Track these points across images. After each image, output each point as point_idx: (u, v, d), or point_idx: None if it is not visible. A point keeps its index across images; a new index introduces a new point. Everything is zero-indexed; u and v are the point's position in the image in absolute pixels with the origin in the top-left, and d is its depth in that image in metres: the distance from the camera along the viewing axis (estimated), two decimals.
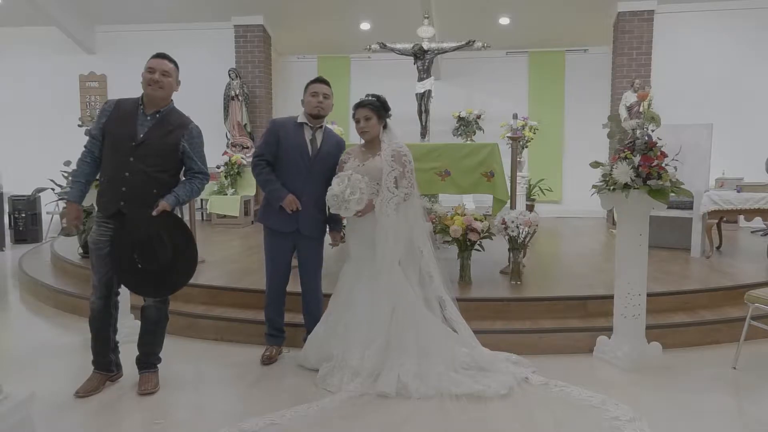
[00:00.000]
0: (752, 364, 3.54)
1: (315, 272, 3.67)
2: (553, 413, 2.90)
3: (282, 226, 3.51)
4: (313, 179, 3.48)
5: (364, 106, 3.43)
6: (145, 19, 9.84)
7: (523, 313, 4.07)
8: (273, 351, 3.66)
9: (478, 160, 4.78)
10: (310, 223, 3.53)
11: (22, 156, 9.71)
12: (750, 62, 8.67)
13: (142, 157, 3.01)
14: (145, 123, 3.06)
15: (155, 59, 3.13)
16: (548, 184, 9.67)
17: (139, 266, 3.00)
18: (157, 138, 3.05)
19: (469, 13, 9.21)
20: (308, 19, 9.76)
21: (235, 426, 2.75)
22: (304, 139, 3.49)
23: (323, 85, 3.54)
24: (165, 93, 3.11)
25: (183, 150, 3.10)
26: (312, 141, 3.51)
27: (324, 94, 3.50)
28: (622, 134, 7.73)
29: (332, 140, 3.61)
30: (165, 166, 3.08)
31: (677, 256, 5.74)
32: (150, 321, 3.22)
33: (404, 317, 3.29)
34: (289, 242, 3.57)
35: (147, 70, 3.08)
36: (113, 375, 3.28)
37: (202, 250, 5.85)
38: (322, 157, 3.51)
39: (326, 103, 3.51)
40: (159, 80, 3.06)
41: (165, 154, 3.07)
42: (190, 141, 3.13)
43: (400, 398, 3.04)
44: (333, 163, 3.54)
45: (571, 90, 10.12)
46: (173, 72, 3.15)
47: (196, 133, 3.17)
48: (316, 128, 3.53)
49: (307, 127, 3.52)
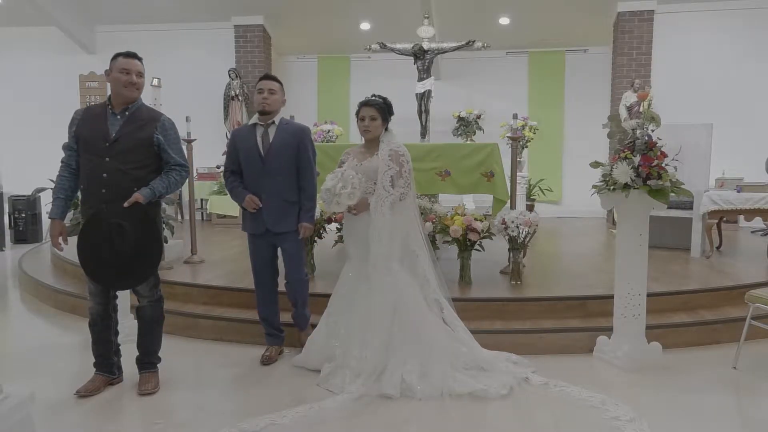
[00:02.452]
0: (752, 364, 3.54)
1: (297, 264, 3.64)
2: (553, 413, 2.90)
3: (255, 229, 3.55)
4: (270, 174, 3.45)
5: (371, 106, 3.42)
6: (145, 19, 9.84)
7: (523, 313, 4.07)
8: (273, 351, 3.66)
9: (478, 160, 4.78)
10: (277, 219, 3.49)
11: (22, 156, 9.71)
12: (750, 62, 8.67)
13: (117, 155, 2.99)
14: (115, 122, 3.04)
15: (128, 59, 3.08)
16: (548, 184, 9.68)
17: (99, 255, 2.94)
18: (130, 134, 3.02)
19: (469, 13, 9.21)
20: (308, 19, 9.76)
21: (235, 426, 2.75)
22: (255, 138, 3.49)
23: (268, 81, 3.52)
24: (139, 93, 3.10)
25: (158, 143, 3.06)
26: (264, 137, 3.49)
27: (269, 90, 3.48)
28: (622, 134, 7.77)
29: (287, 131, 3.53)
30: (142, 163, 3.04)
31: (677, 256, 5.74)
32: (145, 320, 3.22)
33: (406, 317, 3.29)
34: (268, 242, 3.57)
35: (121, 71, 3.03)
36: (115, 378, 3.28)
37: (203, 250, 5.89)
38: (275, 150, 3.46)
39: (272, 99, 3.48)
40: (136, 82, 3.05)
41: (140, 150, 3.03)
42: (164, 133, 3.08)
43: (401, 398, 3.04)
44: (291, 152, 3.48)
45: (571, 90, 10.12)
46: (144, 72, 3.14)
47: (169, 125, 3.13)
48: (268, 125, 3.51)
49: (258, 127, 3.51)
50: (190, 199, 5.76)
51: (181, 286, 4.63)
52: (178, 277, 4.84)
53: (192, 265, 5.37)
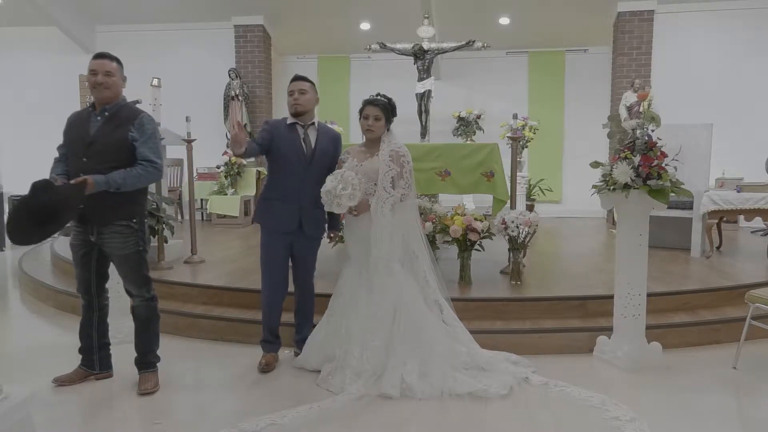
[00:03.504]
0: (752, 364, 3.54)
1: (311, 271, 3.66)
2: (553, 413, 2.90)
3: (284, 226, 3.45)
4: (312, 178, 3.44)
5: (376, 105, 3.41)
6: (145, 19, 9.84)
7: (523, 313, 4.06)
8: (271, 358, 3.56)
9: (478, 160, 4.78)
10: (313, 223, 3.51)
11: (22, 156, 9.70)
12: (750, 62, 8.67)
13: (94, 156, 2.99)
14: (95, 123, 3.05)
15: (96, 60, 3.07)
16: (548, 184, 9.67)
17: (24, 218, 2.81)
18: (107, 134, 3.02)
19: (469, 13, 9.21)
20: (308, 19, 9.76)
21: (235, 426, 2.75)
22: (298, 139, 3.45)
23: (299, 81, 3.48)
24: (111, 93, 3.07)
25: (133, 139, 3.03)
26: (305, 139, 3.47)
27: (300, 90, 3.44)
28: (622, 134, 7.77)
29: (327, 136, 3.56)
30: (120, 163, 3.00)
31: (677, 256, 5.74)
32: (140, 320, 3.24)
33: (407, 317, 3.29)
34: (288, 241, 3.51)
35: (90, 73, 3.03)
36: (96, 373, 3.34)
37: (203, 250, 5.89)
38: (318, 155, 3.48)
39: (303, 99, 3.44)
40: (102, 81, 3.03)
41: (116, 149, 3.01)
42: (140, 129, 3.04)
43: (401, 398, 3.04)
44: (330, 160, 3.51)
45: (571, 90, 10.12)
46: (117, 70, 3.10)
47: (147, 121, 3.09)
48: (307, 126, 3.49)
49: (298, 126, 3.48)
50: (190, 199, 5.76)
51: (181, 286, 4.63)
52: (178, 277, 4.84)
53: (192, 265, 5.37)
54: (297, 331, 3.68)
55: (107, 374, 3.38)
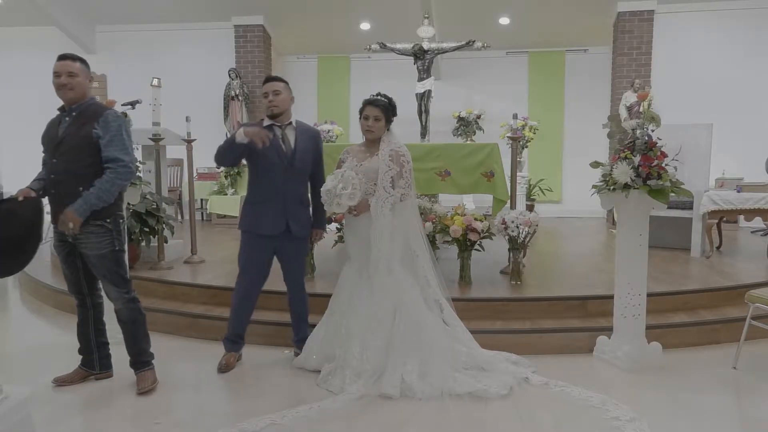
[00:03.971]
0: (752, 364, 3.54)
1: (302, 271, 3.65)
2: (553, 413, 2.90)
3: (271, 229, 3.42)
4: (294, 177, 3.43)
5: (376, 105, 3.41)
6: (145, 19, 9.83)
7: (523, 313, 4.07)
8: (232, 358, 3.56)
9: (478, 160, 4.78)
10: (299, 223, 3.48)
11: (22, 156, 9.69)
12: (750, 62, 8.67)
13: (62, 156, 2.99)
14: (65, 124, 3.06)
15: (59, 62, 3.06)
16: (548, 184, 9.67)
17: None
18: (73, 133, 3.01)
19: (469, 13, 9.21)
20: (308, 19, 9.76)
21: (235, 426, 2.75)
22: (276, 139, 3.42)
23: (273, 82, 3.45)
24: (76, 93, 3.06)
25: (98, 137, 2.99)
26: (284, 139, 3.45)
27: (274, 91, 3.41)
28: (622, 134, 7.77)
29: (307, 134, 3.53)
30: (86, 162, 2.97)
31: (677, 256, 5.74)
32: (126, 323, 3.22)
33: (407, 317, 3.29)
34: (272, 245, 3.49)
35: (53, 75, 3.03)
36: (97, 373, 3.35)
37: (203, 250, 5.88)
38: (299, 153, 3.44)
39: (278, 99, 3.41)
40: (66, 83, 3.02)
41: (83, 149, 2.98)
42: (105, 126, 2.99)
43: (401, 398, 3.04)
44: (311, 158, 3.50)
45: (571, 90, 10.12)
46: (80, 70, 3.09)
47: (112, 118, 3.04)
48: (285, 126, 3.47)
49: (275, 127, 3.46)
50: (190, 199, 5.76)
51: (181, 286, 4.63)
52: (178, 277, 4.84)
53: (192, 265, 5.37)
54: (295, 332, 3.68)
55: (107, 374, 3.38)
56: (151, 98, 5.30)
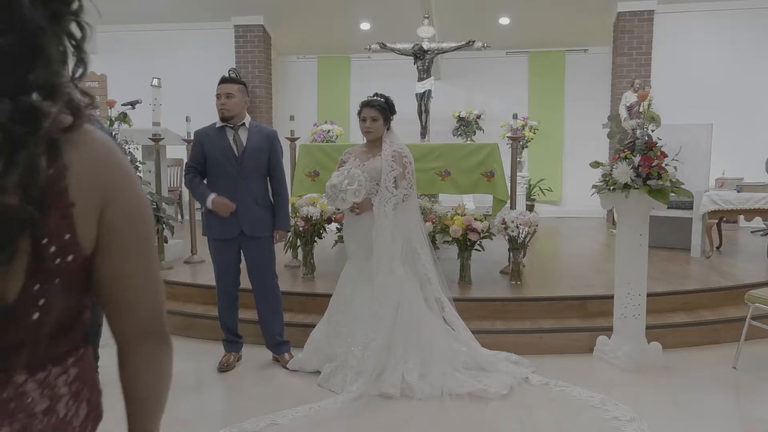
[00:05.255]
0: (752, 364, 3.54)
1: (266, 272, 3.54)
2: (553, 413, 2.90)
3: (225, 233, 3.43)
4: (246, 177, 3.40)
5: (372, 106, 3.41)
6: (145, 19, 9.82)
7: (523, 313, 4.07)
8: (231, 357, 3.59)
9: (478, 160, 4.78)
10: (253, 223, 3.43)
11: None
12: (750, 62, 8.66)
13: None
14: None
15: None
16: (548, 184, 9.67)
17: None
18: None
19: (469, 13, 9.21)
20: (308, 19, 9.76)
21: (235, 426, 2.75)
22: (227, 140, 3.41)
23: (226, 84, 3.42)
24: None
25: None
26: (236, 139, 3.43)
27: (227, 94, 3.38)
28: (622, 134, 7.76)
29: (260, 134, 3.50)
30: None
31: (677, 256, 5.74)
32: None
33: (408, 316, 3.30)
34: (235, 248, 3.49)
35: None
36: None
37: (203, 250, 5.86)
38: (250, 153, 3.42)
39: (230, 103, 3.38)
40: None
41: None
42: None
43: (401, 398, 3.05)
44: (265, 156, 3.46)
45: (571, 90, 10.11)
46: None
47: None
48: (237, 127, 3.45)
49: (228, 129, 3.44)
50: (190, 199, 5.76)
51: (181, 286, 4.63)
52: (178, 277, 4.84)
53: (192, 265, 5.37)
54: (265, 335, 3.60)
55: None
56: (151, 98, 5.31)
